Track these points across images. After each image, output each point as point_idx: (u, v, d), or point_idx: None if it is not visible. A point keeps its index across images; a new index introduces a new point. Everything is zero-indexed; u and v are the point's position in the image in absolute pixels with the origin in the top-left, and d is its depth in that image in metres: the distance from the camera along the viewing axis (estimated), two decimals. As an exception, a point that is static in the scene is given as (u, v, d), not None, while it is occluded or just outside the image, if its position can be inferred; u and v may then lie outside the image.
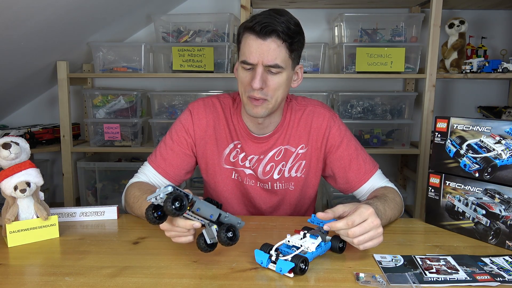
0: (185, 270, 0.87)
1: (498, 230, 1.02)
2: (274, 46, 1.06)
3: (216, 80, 2.47)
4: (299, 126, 1.25)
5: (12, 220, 1.00)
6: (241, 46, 1.12)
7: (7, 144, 0.99)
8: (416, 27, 2.16)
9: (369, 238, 0.89)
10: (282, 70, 1.09)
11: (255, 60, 1.07)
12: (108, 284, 0.82)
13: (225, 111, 1.27)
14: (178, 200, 0.77)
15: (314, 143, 1.25)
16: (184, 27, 2.22)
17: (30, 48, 1.83)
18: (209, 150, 1.27)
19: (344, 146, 1.24)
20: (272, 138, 1.25)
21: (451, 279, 0.84)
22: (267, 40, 1.06)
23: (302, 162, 1.26)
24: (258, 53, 1.07)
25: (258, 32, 1.05)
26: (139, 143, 2.27)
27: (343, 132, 1.25)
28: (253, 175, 1.27)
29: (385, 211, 1.06)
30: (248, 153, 1.25)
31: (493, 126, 1.03)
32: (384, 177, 1.27)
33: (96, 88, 2.48)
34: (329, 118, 1.25)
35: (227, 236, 0.84)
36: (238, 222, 0.91)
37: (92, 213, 1.20)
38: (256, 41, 1.06)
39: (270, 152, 1.25)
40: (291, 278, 0.84)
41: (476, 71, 2.04)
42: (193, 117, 1.27)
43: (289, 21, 1.07)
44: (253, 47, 1.07)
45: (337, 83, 2.45)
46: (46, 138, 2.29)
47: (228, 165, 1.27)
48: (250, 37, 1.07)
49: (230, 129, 1.26)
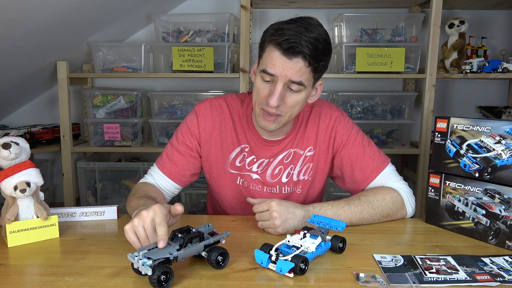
0: (185, 270, 0.87)
1: (498, 230, 1.02)
2: (298, 67, 1.03)
3: (216, 80, 2.47)
4: (307, 128, 1.25)
5: (12, 220, 1.00)
6: (264, 56, 1.07)
7: (7, 144, 0.99)
8: (416, 27, 2.16)
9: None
10: (302, 89, 1.07)
11: (276, 73, 1.04)
12: (108, 284, 0.82)
13: (232, 114, 1.25)
14: (163, 274, 0.78)
15: (322, 144, 1.24)
16: (184, 27, 2.22)
17: (30, 48, 1.83)
18: (214, 153, 1.25)
19: (351, 144, 1.23)
20: (283, 142, 1.24)
21: (451, 279, 0.84)
22: (292, 59, 1.02)
23: (310, 165, 1.25)
24: (281, 68, 1.03)
25: (285, 50, 1.01)
26: (139, 143, 2.27)
27: (350, 130, 1.24)
28: (259, 180, 1.25)
29: (336, 214, 1.11)
30: (258, 157, 1.24)
31: (493, 126, 1.03)
32: (395, 175, 1.24)
33: (96, 88, 2.48)
34: (336, 118, 1.24)
35: (216, 261, 0.87)
36: (223, 238, 0.92)
37: (92, 213, 1.20)
38: (281, 58, 1.03)
39: (280, 155, 1.24)
40: (291, 278, 0.84)
41: (476, 71, 2.04)
42: (198, 119, 1.25)
43: (319, 39, 1.02)
44: (277, 62, 1.03)
45: (337, 83, 2.45)
46: (46, 138, 2.29)
47: (234, 170, 1.26)
48: (275, 52, 1.03)
49: (237, 132, 1.24)
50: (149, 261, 0.78)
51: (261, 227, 1.09)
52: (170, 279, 0.79)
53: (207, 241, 0.88)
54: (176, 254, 0.82)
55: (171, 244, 0.84)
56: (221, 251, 0.87)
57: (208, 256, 0.87)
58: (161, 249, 0.81)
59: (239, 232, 1.08)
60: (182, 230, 0.87)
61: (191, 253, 0.86)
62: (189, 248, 0.84)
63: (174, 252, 0.82)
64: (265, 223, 1.07)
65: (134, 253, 0.81)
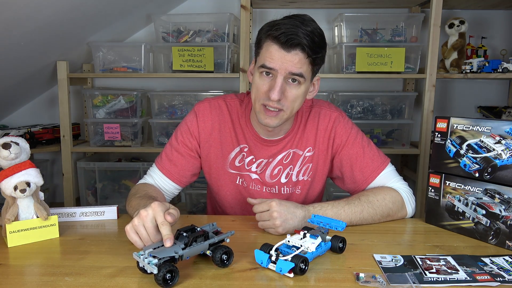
0: (185, 270, 0.87)
1: (498, 230, 1.02)
2: (298, 59, 1.04)
3: (216, 80, 2.47)
4: (306, 129, 1.25)
5: (12, 220, 1.00)
6: (262, 52, 1.09)
7: (7, 144, 0.99)
8: (416, 27, 2.16)
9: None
10: (302, 81, 1.08)
11: (276, 66, 1.05)
12: (108, 284, 0.81)
13: (231, 114, 1.25)
14: (169, 273, 0.78)
15: (321, 145, 1.25)
16: (184, 27, 2.22)
17: (30, 48, 1.83)
18: (213, 153, 1.25)
19: (350, 145, 1.23)
20: (282, 142, 1.24)
21: (451, 279, 0.84)
22: (291, 52, 1.04)
23: (309, 165, 1.26)
24: (280, 61, 1.05)
25: (282, 43, 1.03)
26: (139, 143, 2.27)
27: (349, 131, 1.24)
28: (259, 180, 1.26)
29: (337, 214, 1.11)
30: (257, 157, 1.24)
31: (493, 126, 1.03)
32: (395, 175, 1.24)
33: (96, 88, 2.48)
34: (335, 118, 1.25)
35: (221, 259, 0.87)
36: (227, 236, 0.92)
37: (92, 213, 1.20)
38: (279, 52, 1.04)
39: (279, 155, 1.24)
40: (291, 278, 0.84)
41: (476, 71, 2.04)
42: (198, 119, 1.25)
43: (314, 33, 1.04)
44: (275, 56, 1.05)
45: (337, 83, 2.45)
46: (46, 138, 2.29)
47: (233, 170, 1.26)
48: (273, 46, 1.05)
49: (236, 132, 1.24)
50: (154, 260, 0.78)
51: (261, 227, 1.09)
52: (175, 278, 0.79)
53: (211, 240, 0.88)
54: (182, 252, 0.82)
55: (176, 243, 0.84)
56: (225, 250, 0.87)
57: (213, 255, 0.87)
58: (167, 248, 0.81)
59: (239, 232, 1.08)
60: (187, 229, 0.87)
61: (196, 251, 0.86)
62: (194, 246, 0.85)
63: (179, 251, 0.82)
64: (266, 223, 1.07)
65: (140, 251, 0.82)
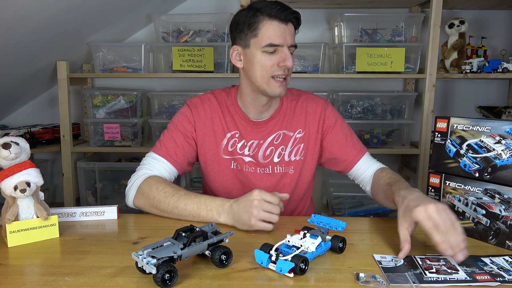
0: (185, 270, 0.87)
1: (498, 230, 1.02)
2: (292, 30, 1.21)
3: (216, 80, 2.46)
4: (295, 113, 1.34)
5: (12, 220, 1.00)
6: (260, 32, 1.19)
7: (7, 144, 0.99)
8: (416, 27, 2.16)
9: None
10: (293, 51, 1.23)
11: (282, 42, 1.18)
12: (108, 284, 0.81)
13: (220, 104, 1.34)
14: (167, 273, 0.78)
15: (311, 126, 1.34)
16: (184, 27, 2.22)
17: (30, 48, 1.83)
18: (208, 141, 1.31)
19: (339, 126, 1.35)
20: (270, 123, 1.32)
21: (451, 279, 0.84)
22: (288, 25, 1.19)
23: (300, 146, 1.33)
24: (283, 36, 1.18)
25: (281, 19, 1.17)
26: (139, 143, 2.27)
27: (337, 114, 1.37)
28: (252, 162, 1.31)
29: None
30: (248, 139, 1.31)
31: (493, 126, 1.03)
32: (373, 157, 1.37)
33: (96, 88, 2.48)
34: (323, 103, 1.37)
35: (220, 260, 0.87)
36: (226, 236, 0.92)
37: (92, 213, 1.20)
38: (280, 26, 1.18)
39: (270, 136, 1.32)
40: (291, 278, 0.84)
41: (476, 71, 2.04)
42: (192, 110, 1.32)
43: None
44: (278, 31, 1.18)
45: (337, 83, 2.45)
46: (46, 138, 2.29)
47: (227, 155, 1.31)
48: (273, 23, 1.18)
49: (226, 120, 1.32)
50: (153, 260, 0.78)
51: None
52: (174, 278, 0.79)
53: (210, 240, 0.88)
54: (180, 253, 0.82)
55: (175, 243, 0.84)
56: (224, 250, 0.87)
57: (212, 255, 0.87)
58: (165, 248, 0.82)
59: (239, 232, 1.08)
60: (186, 229, 0.87)
61: (195, 252, 0.86)
62: (193, 247, 0.85)
63: (178, 251, 0.82)
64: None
65: (138, 252, 0.82)
